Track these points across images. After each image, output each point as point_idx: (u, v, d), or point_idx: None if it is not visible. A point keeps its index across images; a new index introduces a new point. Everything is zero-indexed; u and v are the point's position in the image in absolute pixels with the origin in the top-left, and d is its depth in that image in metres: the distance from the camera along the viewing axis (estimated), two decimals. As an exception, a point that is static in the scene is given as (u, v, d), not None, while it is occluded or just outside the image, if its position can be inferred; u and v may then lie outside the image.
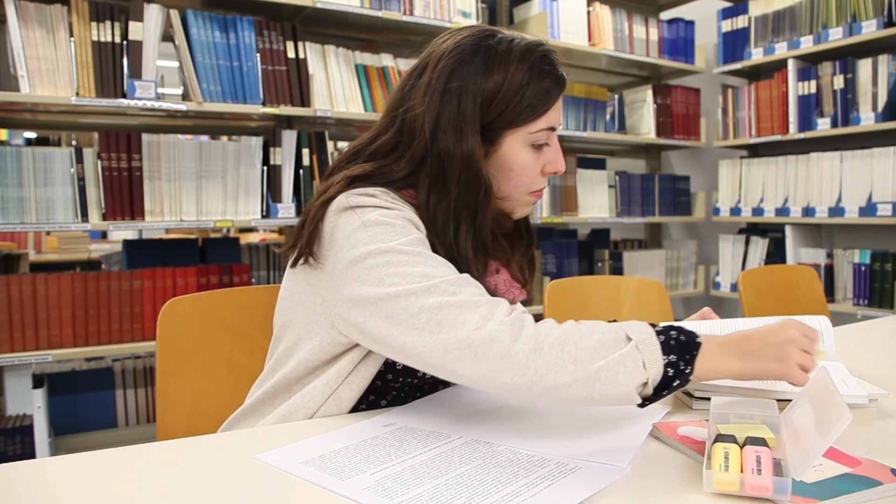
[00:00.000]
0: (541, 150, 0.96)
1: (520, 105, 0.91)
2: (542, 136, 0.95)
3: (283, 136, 2.25)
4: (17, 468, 0.70)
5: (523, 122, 0.92)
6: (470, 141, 0.89)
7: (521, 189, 0.97)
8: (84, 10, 1.94)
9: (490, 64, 0.91)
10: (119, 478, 0.68)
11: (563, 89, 0.96)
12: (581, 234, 3.54)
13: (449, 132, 0.89)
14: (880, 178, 2.66)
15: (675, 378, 0.74)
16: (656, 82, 3.29)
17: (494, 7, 2.85)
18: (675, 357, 0.74)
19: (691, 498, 0.63)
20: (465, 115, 0.90)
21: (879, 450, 0.75)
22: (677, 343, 0.75)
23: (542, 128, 0.94)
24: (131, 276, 2.06)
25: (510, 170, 0.95)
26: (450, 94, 0.90)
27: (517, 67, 0.91)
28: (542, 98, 0.93)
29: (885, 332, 1.52)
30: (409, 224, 0.86)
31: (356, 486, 0.64)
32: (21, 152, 1.90)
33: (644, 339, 0.74)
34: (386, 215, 0.85)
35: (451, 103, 0.90)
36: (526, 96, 0.91)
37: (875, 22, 2.62)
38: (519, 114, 0.92)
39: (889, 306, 2.67)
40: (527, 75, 0.91)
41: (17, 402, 2.07)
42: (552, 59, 0.95)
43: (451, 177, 0.90)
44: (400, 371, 0.91)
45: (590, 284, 1.62)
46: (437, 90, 0.91)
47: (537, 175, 0.97)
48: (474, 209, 0.91)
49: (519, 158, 0.94)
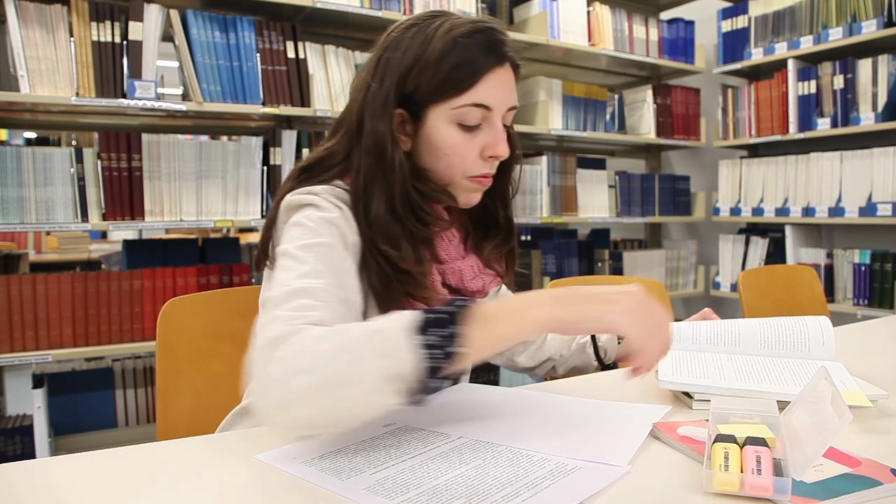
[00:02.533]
0: (474, 130, 0.91)
1: (436, 77, 0.88)
2: (472, 115, 0.90)
3: (283, 136, 2.25)
4: (17, 468, 0.70)
5: (444, 96, 0.89)
6: (387, 115, 0.88)
7: (454, 171, 0.93)
8: (84, 10, 1.94)
9: (415, 38, 0.89)
10: (119, 478, 0.68)
11: (499, 67, 0.90)
12: (581, 234, 3.54)
13: (369, 109, 0.89)
14: (880, 178, 2.66)
15: (441, 359, 0.65)
16: (656, 82, 3.29)
17: (494, 7, 2.85)
18: (437, 336, 0.66)
19: (691, 498, 0.63)
20: (384, 90, 0.89)
21: (879, 450, 0.75)
22: (437, 318, 0.67)
23: (467, 104, 0.89)
24: (131, 276, 2.06)
25: (436, 147, 0.91)
26: (378, 73, 0.90)
27: (439, 39, 0.88)
28: (465, 71, 0.88)
29: (885, 332, 1.52)
30: (329, 226, 0.85)
31: (356, 486, 0.64)
32: (21, 152, 1.90)
33: (388, 325, 0.67)
34: (309, 217, 0.85)
35: (375, 81, 0.90)
36: (442, 68, 0.87)
37: (875, 22, 2.62)
38: (437, 87, 0.88)
39: (889, 306, 2.67)
40: (448, 46, 0.88)
41: (17, 402, 2.07)
42: (487, 34, 0.90)
43: (367, 150, 0.89)
44: None
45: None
46: (369, 70, 0.91)
47: (474, 158, 0.92)
48: (384, 180, 0.88)
49: (442, 136, 0.91)
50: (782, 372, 0.98)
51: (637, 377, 0.77)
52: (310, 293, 0.75)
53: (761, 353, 1.08)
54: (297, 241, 0.83)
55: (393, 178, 0.89)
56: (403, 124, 0.93)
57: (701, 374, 0.97)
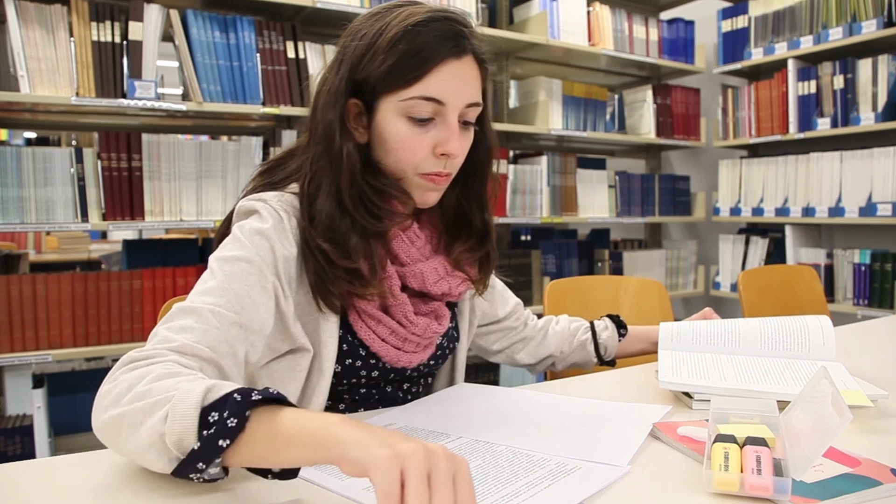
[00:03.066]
0: (425, 125, 0.86)
1: (385, 65, 0.83)
2: (421, 108, 0.85)
3: (282, 135, 2.25)
4: (17, 468, 0.70)
5: (392, 86, 0.84)
6: (337, 105, 0.85)
7: (404, 166, 0.88)
8: (84, 10, 1.94)
9: (373, 26, 0.86)
10: (119, 478, 0.68)
11: (453, 58, 0.84)
12: (581, 234, 3.54)
13: (322, 99, 0.88)
14: (880, 178, 2.66)
15: (207, 452, 0.57)
16: (656, 82, 3.29)
17: (494, 7, 2.85)
18: (223, 415, 0.57)
19: (691, 498, 0.63)
20: (338, 79, 0.86)
21: (879, 450, 0.75)
22: (224, 410, 0.58)
23: (415, 96, 0.84)
24: (131, 276, 2.06)
25: (385, 140, 0.87)
26: (335, 63, 0.88)
27: (394, 25, 0.84)
28: (415, 60, 0.83)
29: (885, 332, 1.52)
30: (259, 238, 0.83)
31: (356, 486, 0.64)
32: (21, 152, 1.90)
33: (189, 390, 0.60)
34: (243, 228, 0.84)
35: (332, 71, 0.88)
36: (393, 55, 0.83)
37: (875, 22, 2.62)
38: (385, 76, 0.84)
39: (889, 306, 2.67)
40: (401, 33, 0.83)
41: (17, 402, 2.06)
42: (449, 24, 0.85)
43: (316, 142, 0.88)
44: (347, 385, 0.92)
45: (590, 284, 1.62)
46: (331, 62, 0.90)
47: (425, 154, 0.87)
48: (332, 172, 0.86)
49: (392, 129, 0.86)
50: (782, 372, 0.98)
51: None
52: (197, 313, 0.75)
53: (761, 353, 1.08)
54: (222, 250, 0.83)
55: (340, 169, 0.85)
56: (360, 115, 0.89)
57: (701, 374, 0.97)
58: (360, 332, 0.91)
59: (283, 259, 0.84)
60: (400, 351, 0.93)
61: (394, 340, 0.92)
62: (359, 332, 0.91)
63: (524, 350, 1.22)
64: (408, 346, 0.93)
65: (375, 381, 0.94)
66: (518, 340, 1.22)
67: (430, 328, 0.94)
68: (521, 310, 1.23)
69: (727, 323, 1.13)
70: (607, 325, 1.24)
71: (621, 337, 1.24)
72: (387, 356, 0.92)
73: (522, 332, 1.22)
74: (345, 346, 0.91)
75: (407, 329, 0.92)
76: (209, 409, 0.59)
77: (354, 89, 0.87)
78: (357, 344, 0.91)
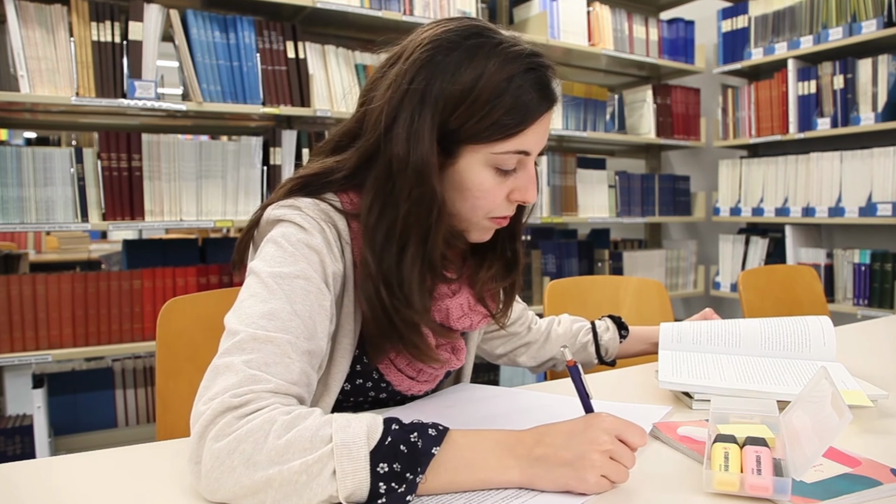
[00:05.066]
0: (508, 174, 0.82)
1: (486, 119, 0.77)
2: (510, 161, 0.81)
3: (282, 136, 2.25)
4: (17, 468, 0.70)
5: (487, 139, 0.79)
6: (425, 150, 0.77)
7: (478, 212, 0.84)
8: (84, 10, 1.94)
9: (462, 65, 0.78)
10: (119, 478, 0.68)
11: (548, 111, 0.82)
12: (581, 234, 3.54)
13: (403, 135, 0.78)
14: (880, 178, 2.66)
15: (389, 494, 0.59)
16: (656, 82, 3.29)
17: (494, 7, 2.85)
18: (399, 466, 0.59)
19: (691, 498, 0.63)
20: (423, 120, 0.77)
21: (879, 450, 0.75)
22: (407, 448, 0.60)
23: (510, 150, 0.80)
24: (131, 276, 2.06)
25: (466, 189, 0.82)
26: (412, 94, 0.78)
27: (494, 74, 0.77)
28: (516, 116, 0.78)
29: (885, 332, 1.52)
30: (309, 252, 0.77)
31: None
32: (21, 152, 1.90)
33: (348, 440, 0.59)
34: (288, 237, 0.77)
35: (412, 103, 0.78)
36: (495, 110, 0.77)
37: (875, 22, 2.62)
38: (483, 129, 0.78)
39: (889, 306, 2.67)
40: (503, 85, 0.77)
41: (17, 402, 2.06)
42: (544, 73, 0.81)
43: (401, 189, 0.78)
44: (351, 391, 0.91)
45: (590, 284, 1.62)
46: (401, 86, 0.79)
47: (501, 200, 0.84)
48: (425, 231, 0.79)
49: (477, 179, 0.81)
50: (782, 372, 0.98)
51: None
52: (275, 344, 0.69)
53: (762, 353, 1.08)
54: (271, 264, 0.75)
55: (439, 228, 0.80)
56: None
57: (701, 375, 0.97)
58: (376, 359, 0.89)
59: (332, 276, 0.79)
60: (413, 381, 0.92)
61: (410, 371, 0.91)
62: (374, 358, 0.88)
63: (526, 353, 1.22)
64: (422, 377, 0.92)
65: (382, 401, 0.94)
66: (521, 345, 1.22)
67: (448, 363, 0.93)
68: (526, 314, 1.22)
69: (727, 323, 1.13)
70: (609, 326, 1.24)
71: (622, 338, 1.24)
72: (400, 385, 0.91)
73: (526, 337, 1.22)
74: (358, 367, 0.89)
75: (425, 363, 0.90)
76: (377, 456, 0.59)
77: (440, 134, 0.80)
78: (371, 368, 0.89)
